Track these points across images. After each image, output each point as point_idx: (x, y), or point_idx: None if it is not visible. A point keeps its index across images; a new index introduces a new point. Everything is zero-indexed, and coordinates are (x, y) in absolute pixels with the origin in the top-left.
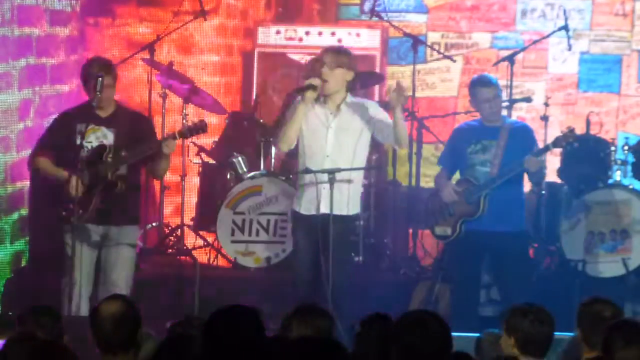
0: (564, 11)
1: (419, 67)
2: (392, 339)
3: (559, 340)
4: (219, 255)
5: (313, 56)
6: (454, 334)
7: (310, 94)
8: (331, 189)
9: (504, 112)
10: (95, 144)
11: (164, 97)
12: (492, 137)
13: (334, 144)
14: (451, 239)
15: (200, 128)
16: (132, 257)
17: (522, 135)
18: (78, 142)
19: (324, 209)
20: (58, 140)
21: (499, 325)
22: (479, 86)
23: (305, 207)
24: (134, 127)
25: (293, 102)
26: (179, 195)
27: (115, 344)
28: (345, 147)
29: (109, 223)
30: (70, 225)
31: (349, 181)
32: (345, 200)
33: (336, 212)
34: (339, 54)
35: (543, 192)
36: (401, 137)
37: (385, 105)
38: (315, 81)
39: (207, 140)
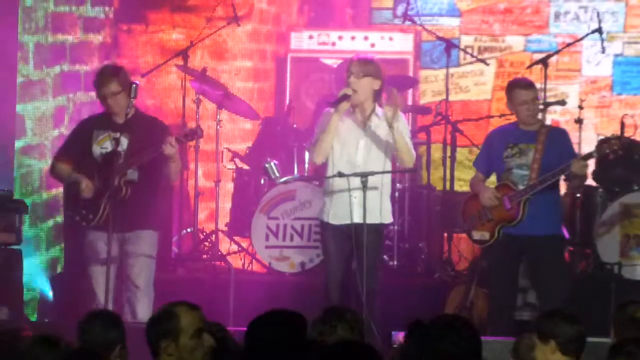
0: (598, 14)
1: (452, 70)
2: (422, 345)
3: (597, 344)
4: (253, 260)
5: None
6: (490, 338)
7: (344, 105)
8: (364, 194)
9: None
10: (110, 149)
11: (198, 103)
12: (529, 141)
13: (364, 154)
14: (489, 244)
15: (195, 133)
16: (152, 261)
17: (559, 139)
18: (93, 148)
19: (357, 219)
20: (76, 146)
21: None
22: (517, 88)
23: (335, 217)
24: (149, 133)
25: (323, 114)
26: (213, 201)
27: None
28: (375, 158)
29: (123, 230)
30: (86, 232)
31: (380, 188)
32: (378, 207)
33: (370, 220)
34: (365, 63)
35: (578, 195)
36: (401, 154)
37: (420, 109)
38: (349, 90)
39: (241, 146)
